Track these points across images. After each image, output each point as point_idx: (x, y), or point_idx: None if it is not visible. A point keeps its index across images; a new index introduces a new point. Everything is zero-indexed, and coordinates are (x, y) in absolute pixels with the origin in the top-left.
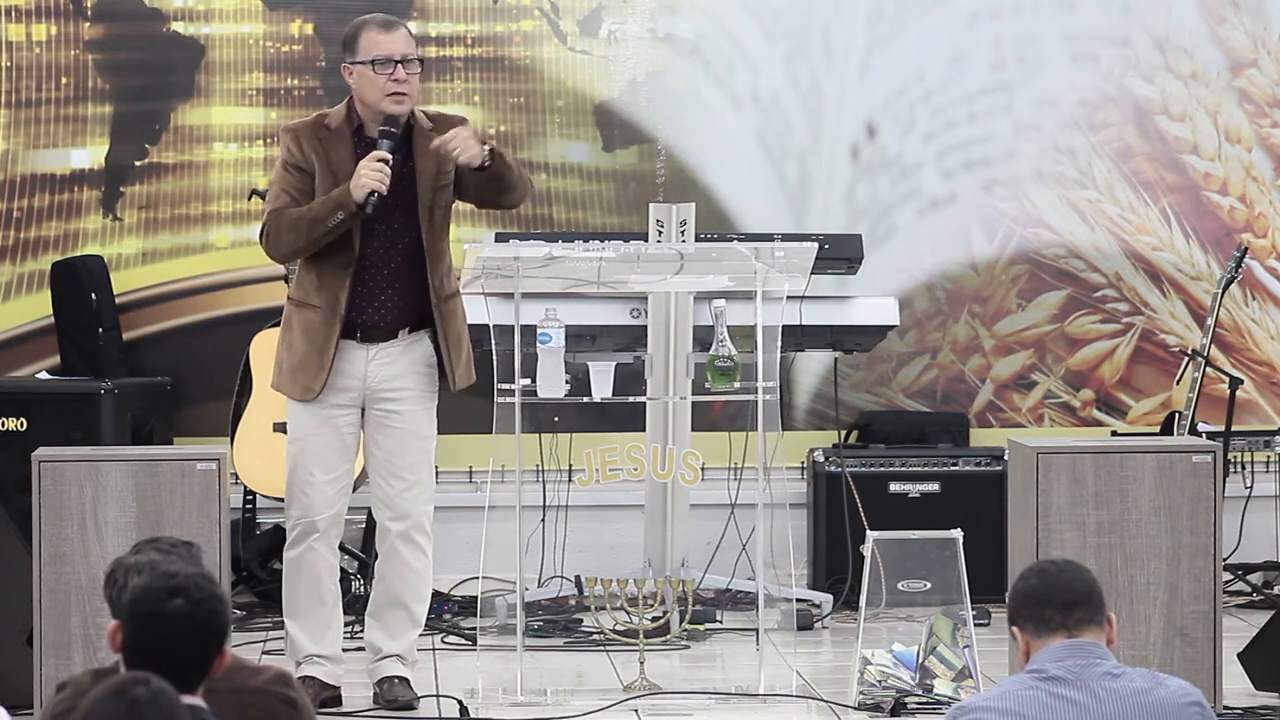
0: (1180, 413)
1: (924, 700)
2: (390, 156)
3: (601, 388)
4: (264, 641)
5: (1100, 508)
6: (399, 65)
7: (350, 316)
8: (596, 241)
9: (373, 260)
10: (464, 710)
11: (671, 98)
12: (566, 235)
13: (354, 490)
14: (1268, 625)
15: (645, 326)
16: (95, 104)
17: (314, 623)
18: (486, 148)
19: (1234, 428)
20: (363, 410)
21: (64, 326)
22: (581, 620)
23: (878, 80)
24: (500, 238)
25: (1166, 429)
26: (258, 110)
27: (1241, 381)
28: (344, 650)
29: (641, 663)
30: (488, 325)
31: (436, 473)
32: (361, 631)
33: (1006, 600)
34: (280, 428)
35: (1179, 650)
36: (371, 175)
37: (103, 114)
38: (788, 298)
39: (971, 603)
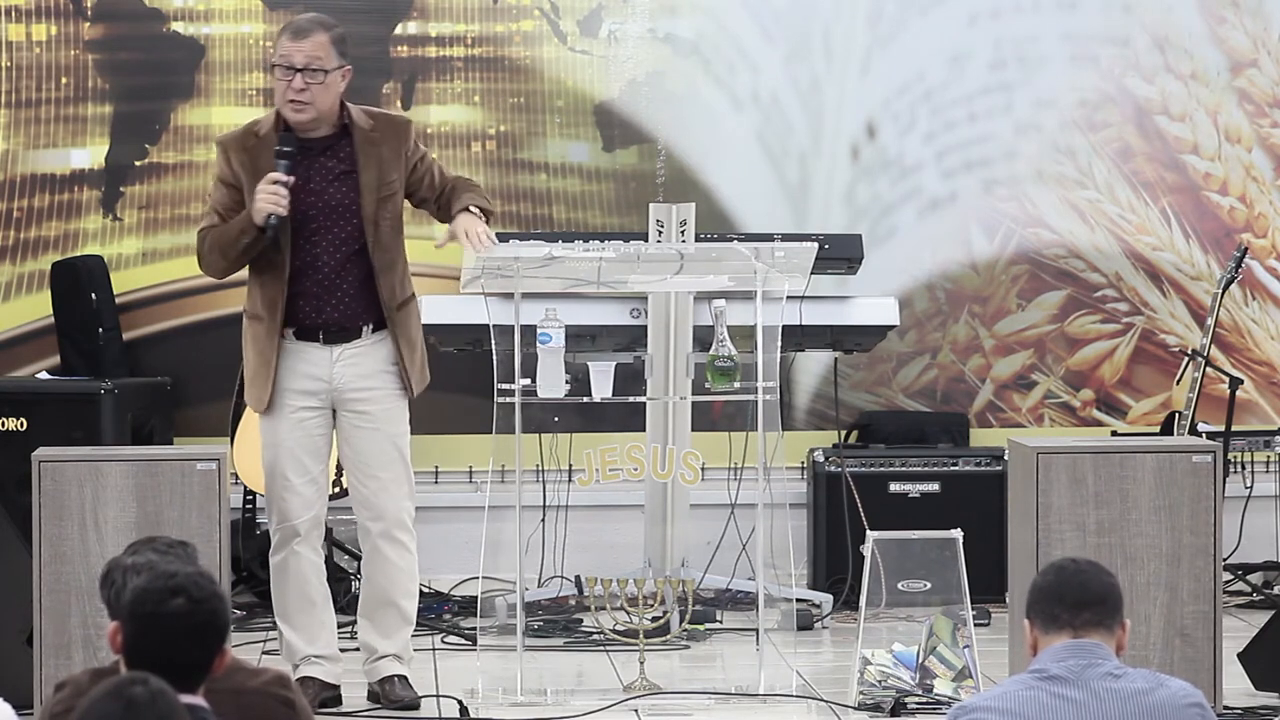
0: (1180, 413)
1: (924, 700)
2: (288, 178)
3: (601, 388)
4: (264, 641)
5: (1100, 508)
6: (299, 74)
7: (305, 320)
8: (596, 241)
9: (318, 263)
10: (464, 710)
11: (671, 98)
12: (566, 235)
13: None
14: (1268, 625)
15: (645, 326)
16: (95, 104)
17: (306, 624)
18: (481, 219)
19: (1234, 428)
20: (334, 411)
21: (64, 326)
22: (581, 620)
23: (878, 80)
24: (500, 238)
25: (1166, 429)
26: (258, 110)
27: (1241, 381)
28: (341, 650)
29: (641, 663)
30: (488, 325)
31: (436, 473)
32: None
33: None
34: None
35: (1179, 650)
36: (267, 199)
37: (103, 114)
38: (788, 298)
39: (971, 603)
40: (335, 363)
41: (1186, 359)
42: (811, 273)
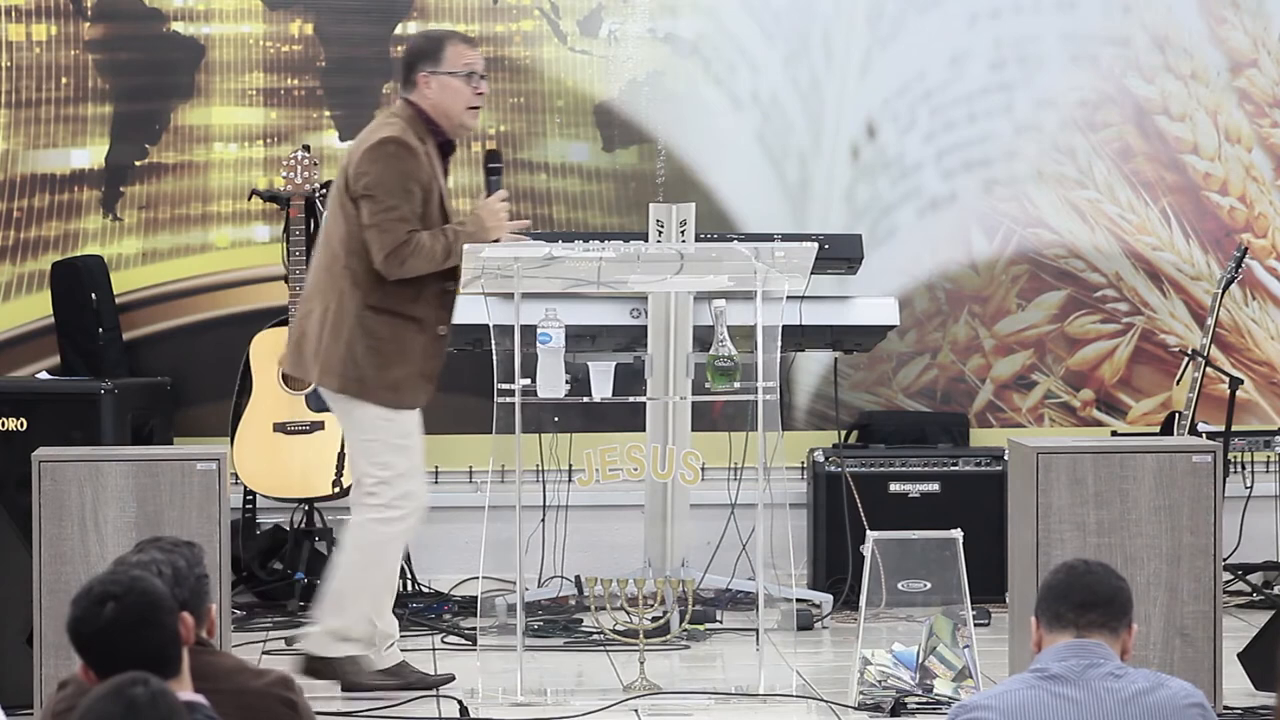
0: (1180, 413)
1: (924, 700)
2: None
3: (601, 388)
4: (264, 641)
5: (1100, 508)
6: (482, 79)
7: (445, 320)
8: (596, 241)
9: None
10: (464, 710)
11: (671, 98)
12: (566, 235)
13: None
14: (1268, 625)
15: (645, 326)
16: (95, 104)
17: (389, 605)
18: None
19: (1234, 428)
20: None
21: (64, 326)
22: (581, 620)
23: (878, 80)
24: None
25: (1166, 429)
26: (258, 110)
27: (1241, 381)
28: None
29: (641, 663)
30: (488, 325)
31: (436, 473)
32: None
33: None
34: (280, 428)
35: (1179, 650)
36: (507, 216)
37: (103, 114)
38: (788, 298)
39: (971, 603)
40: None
41: (1186, 359)
42: (811, 273)
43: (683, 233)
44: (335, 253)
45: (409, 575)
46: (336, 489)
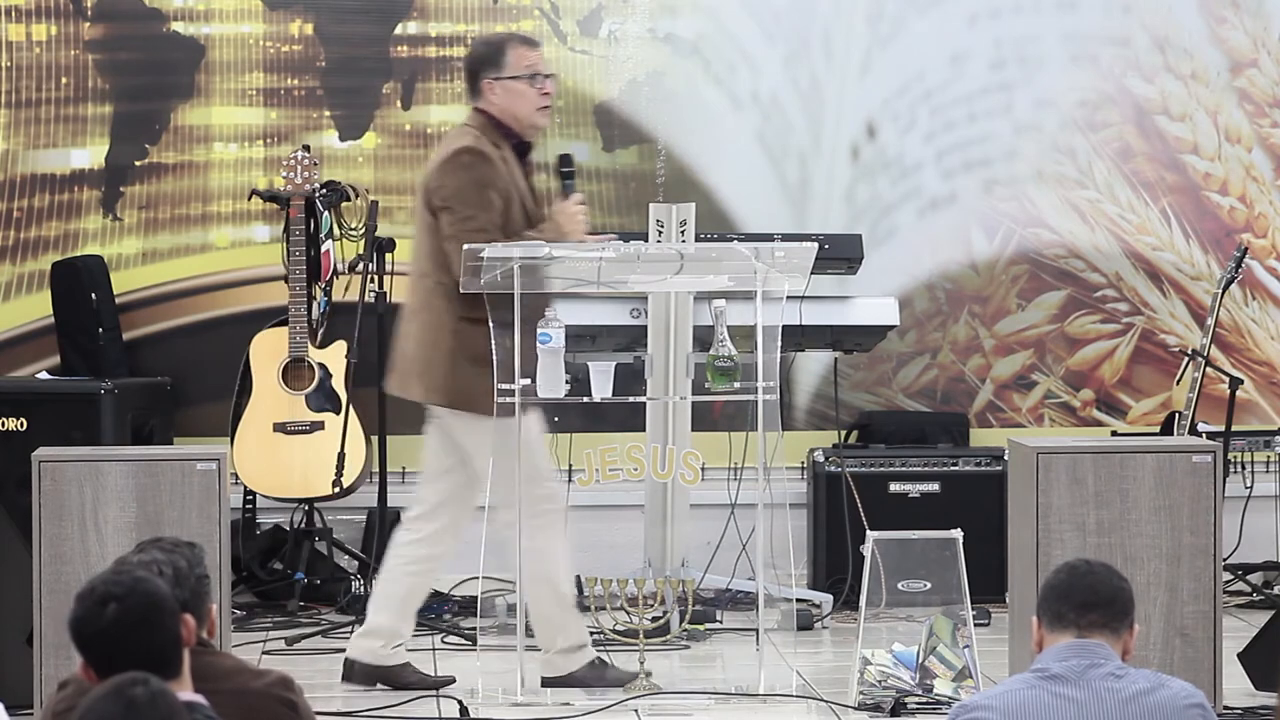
0: (1180, 413)
1: (924, 700)
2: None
3: (601, 388)
4: (264, 641)
5: (1100, 508)
6: (547, 79)
7: None
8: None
9: None
10: (464, 710)
11: (671, 98)
12: None
13: (353, 491)
14: (1268, 625)
15: (645, 326)
16: (95, 104)
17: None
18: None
19: (1234, 428)
20: None
21: (64, 326)
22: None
23: (878, 80)
24: None
25: (1166, 429)
26: (258, 110)
27: (1241, 381)
28: (342, 651)
29: (641, 663)
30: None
31: None
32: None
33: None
34: (280, 428)
35: (1179, 650)
36: (585, 219)
37: (103, 114)
38: (788, 298)
39: (971, 603)
40: None
41: (1186, 359)
42: (811, 273)
43: (683, 233)
44: (424, 269)
45: None
46: (336, 489)
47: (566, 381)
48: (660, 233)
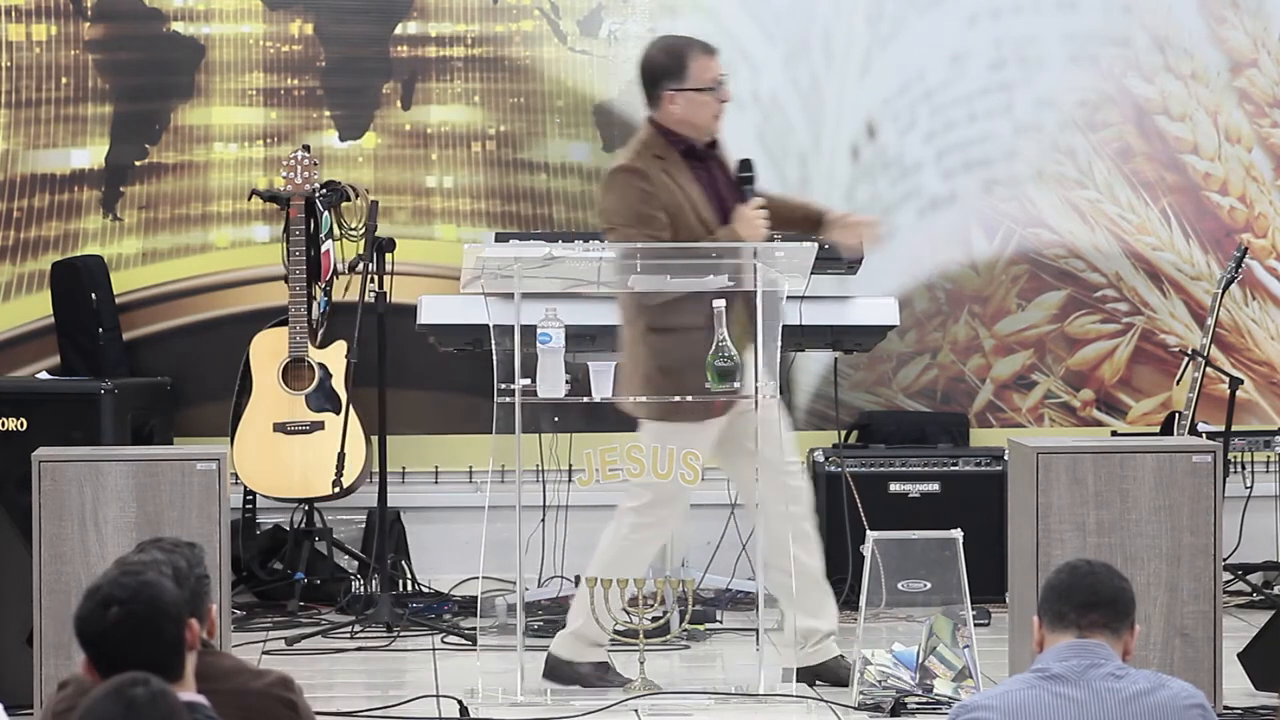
0: (1180, 413)
1: (924, 700)
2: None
3: (601, 388)
4: (264, 641)
5: (1100, 508)
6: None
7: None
8: (596, 241)
9: None
10: (464, 710)
11: None
12: (566, 235)
13: (353, 491)
14: (1268, 625)
15: None
16: (95, 104)
17: None
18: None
19: (1234, 428)
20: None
21: (64, 326)
22: None
23: (878, 80)
24: (500, 238)
25: (1166, 429)
26: (258, 110)
27: (1241, 381)
28: (342, 650)
29: (641, 663)
30: (488, 325)
31: (436, 473)
32: (361, 631)
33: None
34: (280, 428)
35: (1179, 650)
36: (764, 224)
37: (103, 114)
38: (788, 298)
39: (971, 603)
40: None
41: (1186, 359)
42: (811, 273)
43: None
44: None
45: (409, 575)
46: (336, 489)
47: (566, 381)
48: None
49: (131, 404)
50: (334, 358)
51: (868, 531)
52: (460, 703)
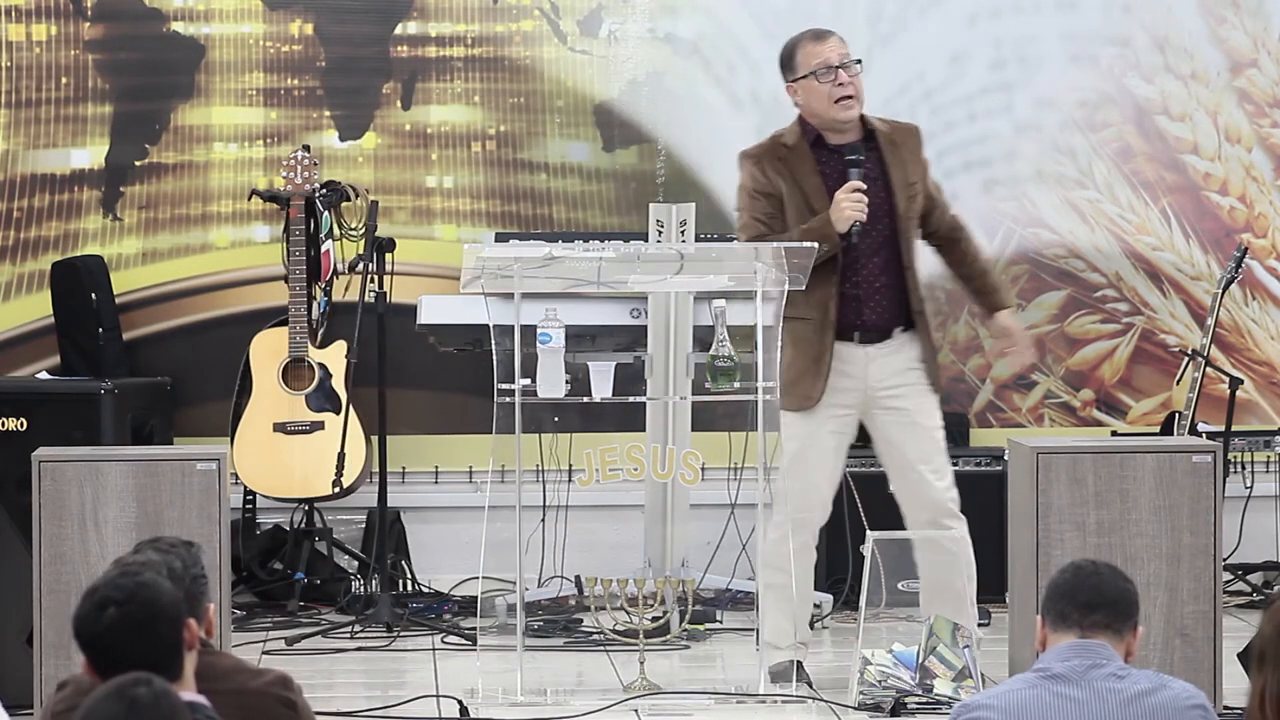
0: (1180, 413)
1: (924, 700)
2: (864, 185)
3: (601, 388)
4: (264, 641)
5: (1100, 508)
6: (839, 70)
7: (845, 320)
8: (596, 241)
9: (858, 265)
10: (464, 710)
11: (671, 98)
12: (566, 235)
13: (353, 491)
14: None
15: (645, 326)
16: (95, 104)
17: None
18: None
19: (1234, 428)
20: (861, 413)
21: (64, 326)
22: (581, 620)
23: (878, 80)
24: (500, 238)
25: (1166, 429)
26: (258, 110)
27: (1241, 381)
28: (342, 650)
29: (641, 663)
30: (488, 325)
31: (436, 473)
32: (361, 631)
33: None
34: (280, 428)
35: (1179, 650)
36: (853, 206)
37: (103, 114)
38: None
39: None
40: (870, 362)
41: (1186, 359)
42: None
43: (683, 233)
44: None
45: (409, 575)
46: (336, 489)
47: (566, 381)
48: (660, 233)
49: (131, 404)
50: (334, 358)
51: (868, 531)
52: (460, 703)
